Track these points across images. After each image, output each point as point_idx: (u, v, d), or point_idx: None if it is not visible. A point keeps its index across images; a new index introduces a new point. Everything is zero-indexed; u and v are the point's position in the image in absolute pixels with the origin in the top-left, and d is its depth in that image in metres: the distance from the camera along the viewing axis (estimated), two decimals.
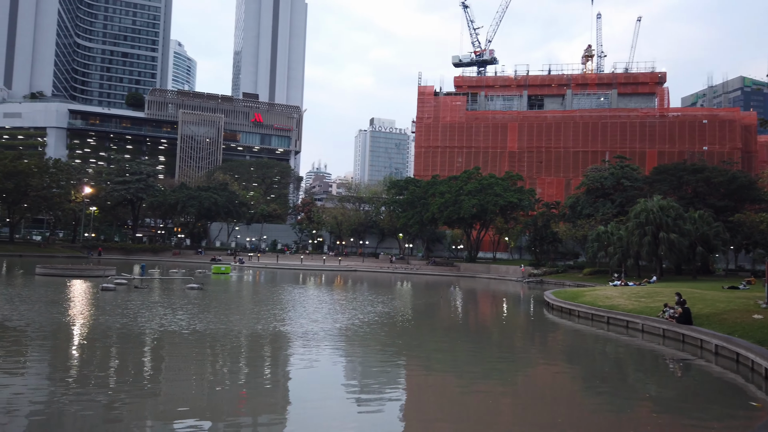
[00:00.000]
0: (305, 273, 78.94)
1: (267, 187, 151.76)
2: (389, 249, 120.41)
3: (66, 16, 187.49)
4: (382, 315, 32.73)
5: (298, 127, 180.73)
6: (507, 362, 21.73)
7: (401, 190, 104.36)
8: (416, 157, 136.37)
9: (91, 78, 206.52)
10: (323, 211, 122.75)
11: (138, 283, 45.11)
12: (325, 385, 16.71)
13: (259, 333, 24.62)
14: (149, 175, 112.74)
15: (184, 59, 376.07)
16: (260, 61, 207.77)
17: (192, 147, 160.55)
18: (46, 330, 23.30)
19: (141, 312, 29.08)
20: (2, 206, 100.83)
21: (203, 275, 61.27)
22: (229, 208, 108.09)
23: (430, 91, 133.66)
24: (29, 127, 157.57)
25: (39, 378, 16.23)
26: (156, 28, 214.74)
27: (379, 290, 52.98)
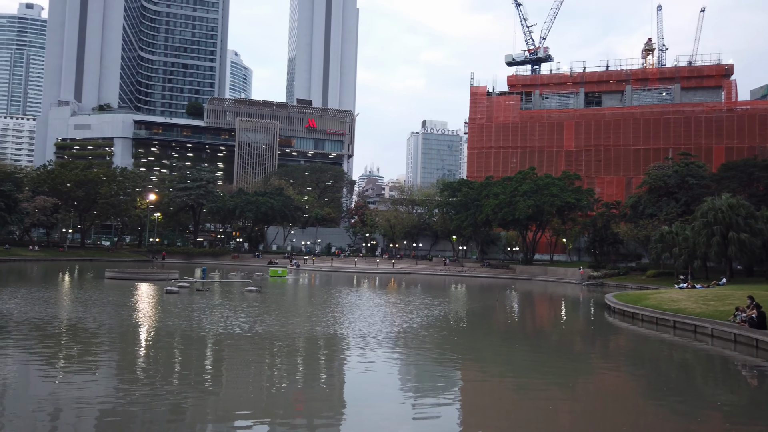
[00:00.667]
0: (359, 276, 79.53)
1: (321, 191, 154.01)
2: (443, 251, 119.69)
3: (130, 31, 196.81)
4: (437, 318, 32.52)
5: (350, 132, 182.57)
6: (566, 367, 21.12)
7: (454, 192, 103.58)
8: (469, 159, 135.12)
9: (154, 89, 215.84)
10: (376, 214, 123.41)
11: (200, 286, 46.64)
12: (381, 388, 16.73)
13: (316, 335, 24.95)
14: (209, 181, 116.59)
15: (241, 68, 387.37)
16: (313, 67, 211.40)
17: (249, 153, 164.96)
18: (116, 332, 24.44)
19: (203, 314, 30.05)
20: (74, 213, 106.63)
21: (261, 278, 62.73)
22: (285, 212, 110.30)
23: (483, 91, 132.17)
24: (98, 138, 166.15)
25: (108, 377, 17.02)
26: (214, 39, 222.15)
27: (434, 293, 52.71)
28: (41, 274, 60.20)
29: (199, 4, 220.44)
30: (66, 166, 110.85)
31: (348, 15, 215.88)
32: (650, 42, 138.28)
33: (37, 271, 63.56)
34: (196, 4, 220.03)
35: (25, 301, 32.52)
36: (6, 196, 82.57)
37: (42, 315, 27.61)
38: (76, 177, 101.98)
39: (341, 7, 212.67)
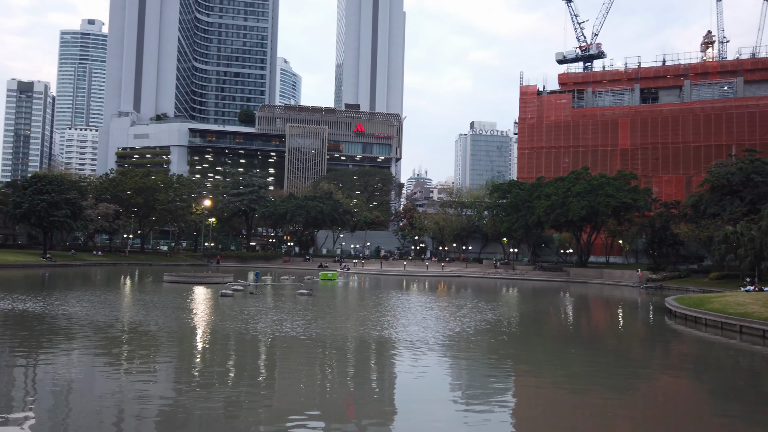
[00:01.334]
0: (408, 279, 79.42)
1: (369, 194, 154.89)
2: (493, 254, 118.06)
3: (185, 42, 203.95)
4: (488, 322, 32.06)
5: (398, 135, 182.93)
6: (624, 373, 20.36)
7: (504, 194, 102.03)
8: (519, 159, 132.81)
9: (208, 98, 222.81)
10: (425, 217, 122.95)
11: (253, 290, 47.68)
12: (432, 392, 16.60)
13: (367, 338, 25.03)
14: (260, 186, 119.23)
15: (290, 75, 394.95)
16: (361, 72, 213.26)
17: (299, 158, 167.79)
18: (174, 334, 25.27)
19: (257, 317, 30.68)
20: (134, 219, 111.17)
21: (311, 281, 63.55)
22: (334, 216, 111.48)
23: (533, 90, 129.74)
24: (155, 146, 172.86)
25: (167, 378, 17.59)
26: (264, 47, 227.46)
27: (484, 296, 52.03)
28: (104, 278, 62.99)
29: (249, 13, 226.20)
30: (126, 174, 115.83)
31: (395, 18, 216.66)
32: (710, 34, 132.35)
33: (100, 275, 66.56)
34: (246, 14, 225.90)
35: (91, 304, 34.08)
36: (72, 203, 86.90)
37: (106, 318, 28.86)
38: (135, 184, 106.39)
39: (388, 11, 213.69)
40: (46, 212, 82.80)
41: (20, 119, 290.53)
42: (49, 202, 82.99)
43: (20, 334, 23.72)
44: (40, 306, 32.19)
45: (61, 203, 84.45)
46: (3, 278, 54.84)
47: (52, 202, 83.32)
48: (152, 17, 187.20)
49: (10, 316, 28.27)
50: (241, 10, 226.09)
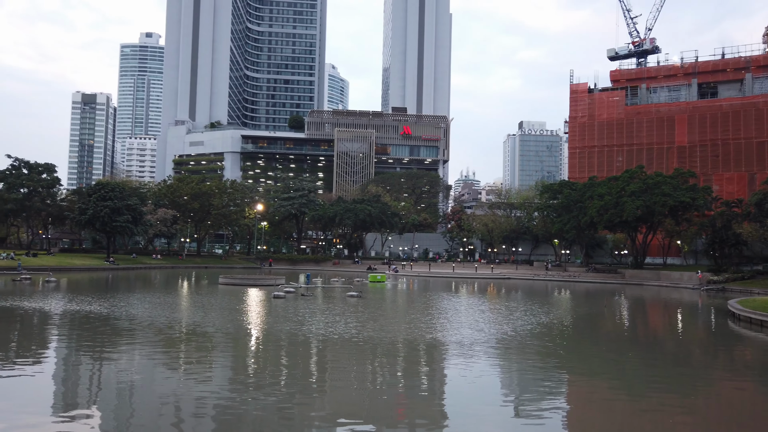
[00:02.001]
0: (457, 281, 78.90)
1: (417, 197, 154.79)
2: (544, 256, 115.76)
3: (237, 52, 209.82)
4: (540, 325, 31.54)
5: (445, 137, 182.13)
6: (684, 378, 19.63)
7: (555, 194, 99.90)
8: (570, 159, 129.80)
9: (259, 105, 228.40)
10: (473, 219, 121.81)
11: (304, 292, 48.53)
12: (483, 396, 16.51)
13: (417, 340, 25.09)
14: (310, 190, 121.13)
15: (338, 80, 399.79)
16: (407, 75, 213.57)
17: (347, 162, 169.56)
18: (230, 335, 26.07)
19: (308, 319, 31.25)
20: (191, 224, 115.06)
21: (361, 283, 64.07)
22: (383, 218, 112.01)
23: (584, 88, 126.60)
24: (210, 153, 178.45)
25: (223, 378, 18.19)
26: (312, 54, 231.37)
27: (535, 299, 51.14)
28: (163, 280, 65.48)
29: (298, 21, 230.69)
30: (183, 180, 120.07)
31: (441, 21, 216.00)
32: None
33: (159, 278, 69.22)
34: (295, 21, 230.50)
35: (151, 306, 35.57)
36: (132, 209, 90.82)
37: (165, 319, 30.07)
38: (191, 190, 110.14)
39: (434, 14, 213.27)
40: (109, 218, 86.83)
41: (84, 130, 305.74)
42: (111, 208, 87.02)
43: (86, 335, 25.04)
44: (105, 308, 33.84)
45: (122, 209, 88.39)
46: (71, 281, 57.86)
47: (114, 208, 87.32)
48: (206, 29, 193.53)
49: (77, 318, 29.85)
50: (290, 18, 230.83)
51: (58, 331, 26.55)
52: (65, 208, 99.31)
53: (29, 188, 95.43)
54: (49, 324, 28.30)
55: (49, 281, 53.24)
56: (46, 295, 40.97)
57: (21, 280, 53.57)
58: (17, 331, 26.40)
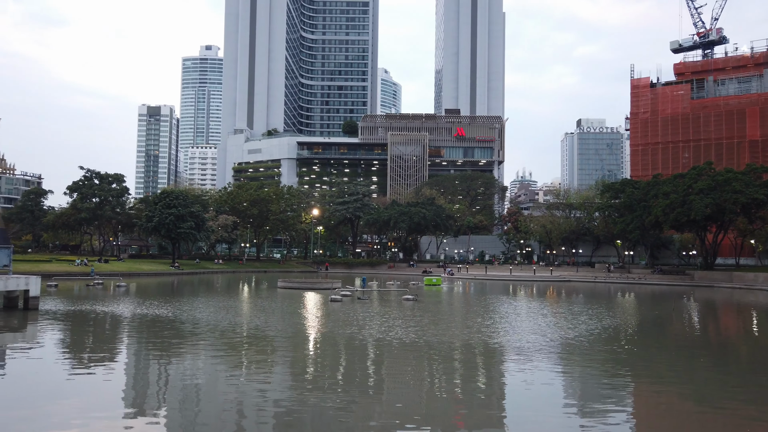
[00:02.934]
0: (515, 284, 77.45)
1: (472, 199, 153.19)
2: (606, 257, 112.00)
3: (291, 61, 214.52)
4: (602, 329, 30.48)
5: (500, 137, 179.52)
6: (761, 384, 18.45)
7: (617, 193, 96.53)
8: (632, 157, 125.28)
9: (313, 112, 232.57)
10: (530, 220, 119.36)
11: (360, 295, 48.89)
12: (543, 402, 16.08)
13: (474, 344, 24.76)
14: (364, 194, 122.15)
15: (390, 84, 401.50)
16: (460, 76, 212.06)
17: (400, 165, 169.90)
18: (289, 338, 26.57)
19: (365, 322, 31.44)
20: (250, 229, 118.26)
21: (416, 287, 63.93)
22: (437, 221, 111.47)
23: (646, 83, 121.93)
24: (267, 160, 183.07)
25: (283, 380, 18.53)
26: (365, 59, 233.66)
27: (598, 302, 49.49)
28: (225, 284, 67.54)
29: (351, 28, 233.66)
30: (242, 187, 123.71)
31: (494, 21, 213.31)
32: None
33: (221, 282, 71.46)
34: (348, 28, 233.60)
35: (215, 310, 36.76)
36: (196, 216, 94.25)
37: (228, 322, 30.99)
38: (250, 197, 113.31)
39: (486, 13, 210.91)
40: (174, 225, 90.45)
41: (150, 141, 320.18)
42: (176, 215, 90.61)
43: (154, 338, 26.13)
44: (171, 311, 35.23)
45: (186, 216, 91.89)
46: (139, 285, 60.58)
47: (178, 215, 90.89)
48: (262, 39, 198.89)
49: (145, 321, 31.21)
50: (342, 25, 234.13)
51: (128, 334, 27.85)
52: (133, 216, 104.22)
53: (100, 198, 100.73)
54: (120, 327, 29.72)
55: (119, 286, 55.93)
56: (117, 300, 43.05)
57: (94, 285, 56.54)
58: (91, 333, 27.86)
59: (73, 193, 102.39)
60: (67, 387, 16.99)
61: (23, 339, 25.81)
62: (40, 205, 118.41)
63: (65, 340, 25.83)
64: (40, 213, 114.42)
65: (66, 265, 75.52)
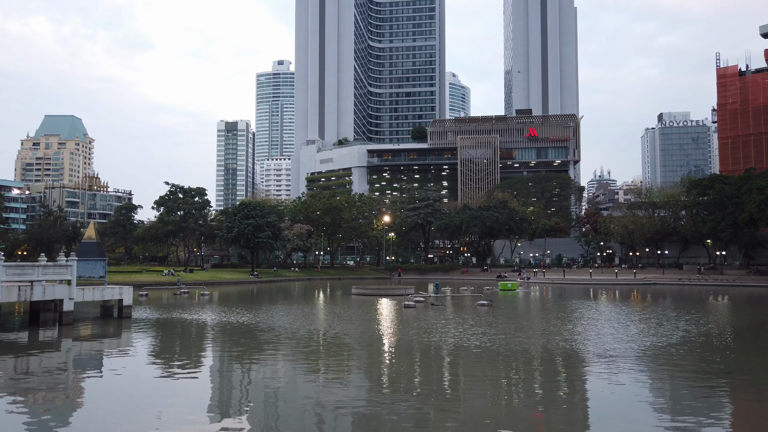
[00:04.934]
0: (595, 288, 74.41)
1: (546, 200, 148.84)
2: (695, 258, 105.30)
3: (360, 70, 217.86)
4: (693, 334, 28.65)
5: (575, 136, 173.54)
6: None
7: (705, 190, 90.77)
8: (721, 150, 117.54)
9: (382, 119, 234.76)
10: (610, 221, 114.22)
11: (434, 301, 48.64)
12: (630, 411, 15.25)
13: (553, 351, 23.95)
14: (435, 200, 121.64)
15: (459, 88, 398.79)
16: (531, 75, 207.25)
17: (471, 169, 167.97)
18: (365, 344, 26.80)
19: (439, 328, 31.20)
20: (324, 237, 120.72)
21: (491, 292, 62.82)
22: (510, 225, 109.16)
23: (734, 71, 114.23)
24: (338, 169, 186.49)
25: (359, 385, 18.67)
26: (432, 65, 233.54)
27: (687, 306, 46.59)
28: (301, 292, 69.23)
29: (417, 34, 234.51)
30: (315, 196, 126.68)
31: (565, 16, 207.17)
32: None
33: (298, 290, 73.32)
34: (415, 35, 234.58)
35: (294, 317, 37.75)
36: (272, 226, 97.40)
37: (306, 330, 31.72)
38: (323, 205, 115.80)
39: (557, 9, 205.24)
40: (252, 234, 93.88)
41: (229, 154, 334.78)
42: (254, 225, 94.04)
43: (237, 344, 27.15)
44: (251, 319, 36.52)
45: (263, 226, 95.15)
46: (221, 294, 63.26)
47: (256, 226, 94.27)
48: (331, 52, 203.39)
49: (228, 328, 32.51)
50: (409, 32, 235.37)
51: (212, 341, 29.11)
52: (215, 228, 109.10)
53: (185, 211, 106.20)
54: (205, 334, 31.13)
55: (203, 294, 58.64)
56: (201, 308, 45.13)
57: (180, 294, 59.58)
58: (179, 340, 29.35)
59: (159, 207, 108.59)
60: (157, 390, 17.95)
61: (118, 345, 27.57)
62: (131, 219, 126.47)
63: (156, 346, 27.34)
64: (131, 227, 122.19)
65: (155, 275, 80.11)
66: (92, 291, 35.88)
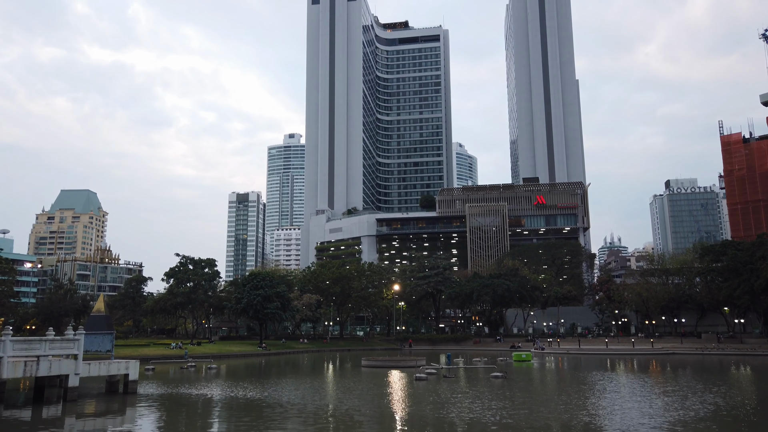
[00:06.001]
0: (613, 358, 72.23)
1: (558, 268, 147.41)
2: (713, 326, 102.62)
3: (368, 141, 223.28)
4: (720, 407, 27.42)
5: (583, 203, 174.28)
6: None
7: (718, 256, 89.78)
8: (731, 216, 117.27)
9: (391, 189, 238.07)
10: (624, 289, 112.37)
11: (446, 373, 47.26)
12: None
13: (577, 427, 22.91)
14: (445, 268, 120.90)
15: (465, 157, 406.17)
16: (536, 145, 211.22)
17: (480, 237, 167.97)
18: (376, 420, 25.80)
19: (453, 402, 30.10)
20: (333, 307, 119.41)
21: (505, 363, 61.12)
22: (522, 293, 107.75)
23: (738, 138, 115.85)
24: (348, 238, 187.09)
25: None
26: (439, 136, 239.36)
27: (709, 377, 44.92)
28: (310, 364, 67.70)
29: (424, 107, 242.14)
30: (325, 265, 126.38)
31: (567, 88, 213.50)
32: None
33: (307, 363, 71.72)
34: (421, 107, 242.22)
35: (302, 391, 36.70)
36: (281, 296, 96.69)
37: (315, 405, 30.73)
38: (333, 275, 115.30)
39: (559, 82, 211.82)
40: (261, 305, 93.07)
41: (239, 225, 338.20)
42: (263, 296, 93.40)
43: (243, 422, 26.23)
44: (259, 393, 35.51)
45: (272, 297, 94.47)
46: (229, 367, 61.95)
47: (265, 296, 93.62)
48: (340, 124, 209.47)
49: (235, 404, 31.56)
50: (416, 105, 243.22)
51: (218, 418, 28.19)
52: (224, 299, 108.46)
53: (194, 282, 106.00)
54: (211, 410, 30.21)
55: (210, 368, 57.45)
56: (208, 382, 44.08)
57: (187, 368, 58.41)
58: (184, 418, 28.45)
59: (169, 279, 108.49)
60: None
61: (122, 423, 26.76)
62: (140, 291, 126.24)
63: (160, 424, 26.50)
64: (140, 299, 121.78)
65: (162, 348, 78.93)
66: (98, 366, 35.27)
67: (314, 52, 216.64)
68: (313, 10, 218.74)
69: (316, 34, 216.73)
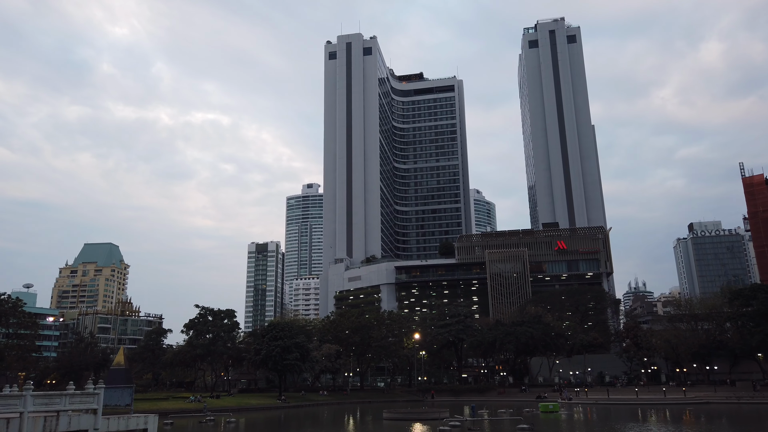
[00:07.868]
0: (644, 408, 69.51)
1: (582, 314, 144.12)
2: (747, 374, 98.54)
3: (386, 190, 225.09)
4: None
5: (605, 248, 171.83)
6: None
7: (748, 300, 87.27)
8: (758, 259, 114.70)
9: (409, 236, 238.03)
10: (651, 335, 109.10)
11: (470, 425, 45.84)
12: None
13: None
14: (466, 316, 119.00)
15: (483, 204, 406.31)
16: (555, 190, 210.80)
17: (501, 284, 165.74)
18: None
19: None
20: (353, 358, 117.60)
21: (531, 414, 59.15)
22: (546, 340, 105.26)
23: (760, 180, 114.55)
24: (367, 287, 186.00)
25: None
26: (457, 183, 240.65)
27: (748, 428, 42.79)
28: (331, 418, 66.17)
29: (440, 155, 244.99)
30: (344, 315, 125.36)
31: (583, 133, 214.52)
32: None
33: (327, 416, 70.13)
34: (438, 156, 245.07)
35: None
36: (300, 347, 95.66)
37: None
38: (352, 324, 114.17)
39: (575, 128, 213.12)
40: (280, 356, 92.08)
41: (259, 275, 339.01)
42: (282, 347, 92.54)
43: None
44: None
45: (291, 347, 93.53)
46: (248, 421, 60.83)
47: (284, 347, 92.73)
48: (358, 174, 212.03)
49: None
50: (432, 153, 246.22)
51: None
52: (243, 350, 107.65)
53: (213, 334, 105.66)
54: None
55: (230, 422, 56.49)
56: None
57: (206, 422, 57.51)
58: None
59: (189, 331, 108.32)
60: None
61: None
62: (160, 344, 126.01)
63: None
64: (159, 352, 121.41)
65: (181, 402, 78.07)
66: (117, 421, 34.84)
67: (331, 104, 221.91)
68: (330, 64, 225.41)
69: (333, 87, 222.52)
